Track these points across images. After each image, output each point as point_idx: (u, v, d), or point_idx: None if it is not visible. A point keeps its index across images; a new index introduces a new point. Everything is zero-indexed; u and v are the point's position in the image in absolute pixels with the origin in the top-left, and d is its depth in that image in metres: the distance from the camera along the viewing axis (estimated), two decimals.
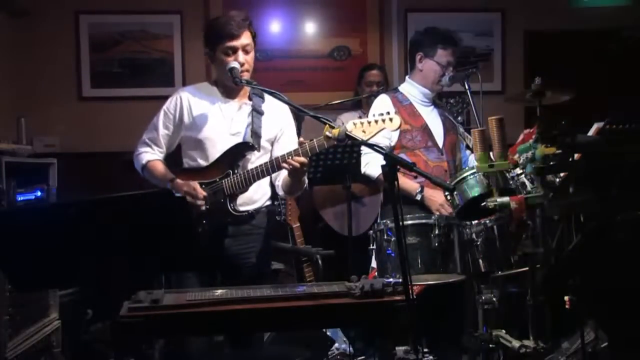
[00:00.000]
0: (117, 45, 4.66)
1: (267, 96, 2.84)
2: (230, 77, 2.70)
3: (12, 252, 1.87)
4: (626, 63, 4.75)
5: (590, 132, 2.79)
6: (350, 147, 3.31)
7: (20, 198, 3.44)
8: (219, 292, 2.09)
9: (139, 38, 4.65)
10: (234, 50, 2.75)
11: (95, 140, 4.59)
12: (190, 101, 2.84)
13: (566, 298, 2.71)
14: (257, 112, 2.82)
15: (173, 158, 2.91)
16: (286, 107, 2.90)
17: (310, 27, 4.86)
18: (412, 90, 3.38)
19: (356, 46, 4.88)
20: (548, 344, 2.63)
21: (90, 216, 1.86)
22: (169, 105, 2.86)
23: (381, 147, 2.17)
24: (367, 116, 2.47)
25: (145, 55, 4.66)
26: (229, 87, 2.84)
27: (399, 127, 2.50)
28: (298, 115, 3.05)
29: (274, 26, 4.79)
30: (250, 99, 2.86)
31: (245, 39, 2.76)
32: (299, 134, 3.07)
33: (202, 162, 2.81)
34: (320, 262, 3.69)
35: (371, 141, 2.33)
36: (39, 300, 3.41)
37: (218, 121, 2.81)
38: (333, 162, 3.44)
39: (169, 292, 2.07)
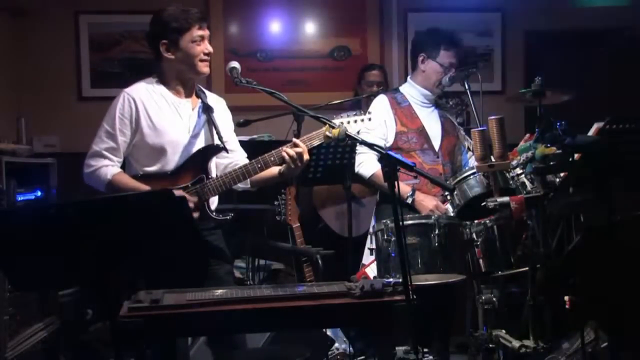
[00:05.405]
0: (117, 45, 4.66)
1: (205, 91, 2.77)
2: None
3: (12, 252, 1.87)
4: (626, 62, 4.75)
5: (590, 132, 2.79)
6: (351, 147, 3.30)
7: (20, 198, 3.44)
8: (219, 292, 2.09)
9: (139, 38, 4.63)
10: (203, 39, 2.64)
11: None
12: (145, 103, 2.63)
13: (566, 298, 2.71)
14: (209, 109, 2.73)
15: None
16: (222, 100, 2.85)
17: (310, 27, 4.86)
18: (412, 91, 3.38)
19: (356, 46, 4.88)
20: (548, 344, 2.62)
21: (90, 216, 1.86)
22: (122, 109, 2.61)
23: (381, 147, 2.16)
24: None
25: (145, 55, 4.63)
26: (182, 85, 2.70)
27: None
28: (298, 115, 3.04)
29: (274, 26, 4.80)
30: (198, 96, 2.75)
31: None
32: (299, 134, 3.06)
33: (165, 167, 2.64)
34: (320, 262, 3.68)
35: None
36: (39, 300, 3.41)
37: (178, 123, 2.67)
38: (333, 162, 3.44)
39: (169, 292, 2.07)
